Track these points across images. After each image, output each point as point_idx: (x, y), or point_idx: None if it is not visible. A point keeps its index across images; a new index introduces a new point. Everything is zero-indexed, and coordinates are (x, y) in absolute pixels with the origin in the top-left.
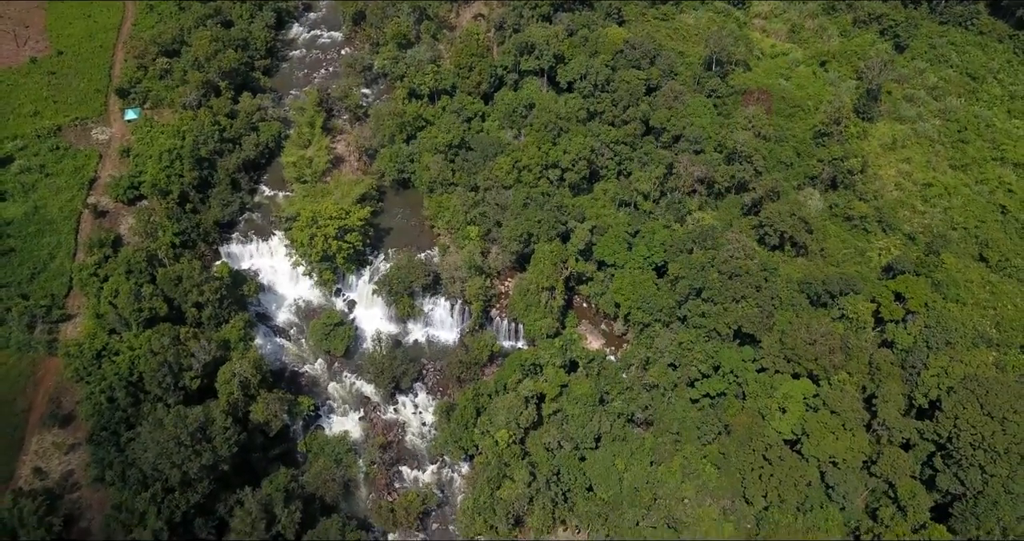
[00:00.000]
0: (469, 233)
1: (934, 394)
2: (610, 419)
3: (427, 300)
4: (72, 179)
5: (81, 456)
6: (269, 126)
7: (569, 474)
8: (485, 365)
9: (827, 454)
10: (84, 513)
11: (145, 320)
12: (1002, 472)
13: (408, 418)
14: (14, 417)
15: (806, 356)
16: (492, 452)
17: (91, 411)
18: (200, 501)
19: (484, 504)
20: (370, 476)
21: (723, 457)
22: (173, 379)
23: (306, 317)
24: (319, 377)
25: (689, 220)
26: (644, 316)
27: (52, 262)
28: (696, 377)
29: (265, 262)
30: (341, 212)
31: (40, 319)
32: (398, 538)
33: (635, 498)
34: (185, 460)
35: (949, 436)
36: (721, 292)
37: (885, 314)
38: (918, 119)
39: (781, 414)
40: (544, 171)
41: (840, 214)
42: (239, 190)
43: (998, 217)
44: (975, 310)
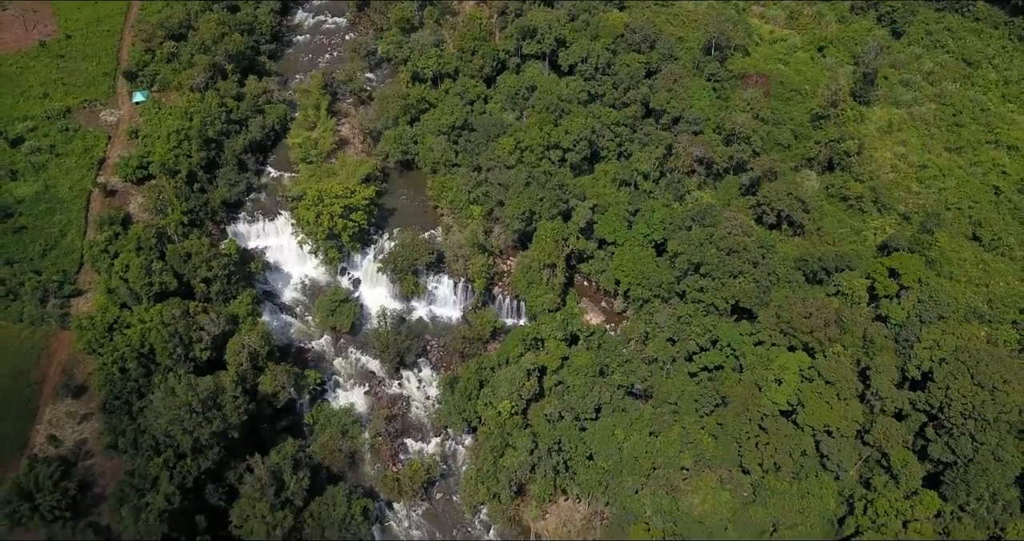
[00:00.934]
0: (472, 212)
1: (926, 366)
2: (610, 390)
3: (431, 278)
4: (82, 159)
5: (94, 425)
6: (275, 108)
7: (570, 443)
8: (487, 341)
9: (821, 423)
10: (97, 480)
11: (155, 294)
12: (992, 440)
13: (412, 392)
14: (28, 388)
15: (801, 329)
16: (495, 422)
17: (103, 381)
18: (211, 467)
19: (487, 472)
20: (375, 447)
21: (720, 427)
22: (184, 350)
23: (312, 295)
24: (325, 353)
25: (688, 199)
26: (643, 292)
27: (63, 239)
28: (694, 351)
29: (271, 241)
30: (346, 191)
31: (52, 294)
32: (403, 507)
33: (634, 466)
34: (196, 426)
35: (941, 406)
36: (719, 267)
37: (879, 289)
38: (914, 103)
39: (777, 385)
40: (546, 152)
41: (836, 194)
42: (246, 171)
43: (992, 198)
44: (968, 287)
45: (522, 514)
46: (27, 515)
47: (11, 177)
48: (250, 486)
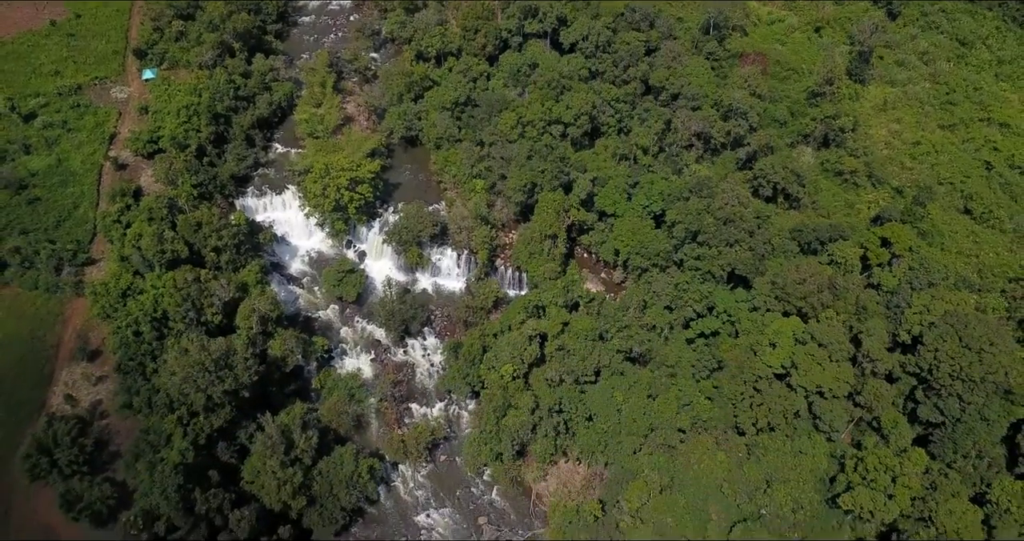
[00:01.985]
0: (475, 186)
1: (916, 330)
2: (609, 354)
3: (434, 250)
4: (93, 134)
5: (108, 387)
6: (282, 86)
7: (570, 405)
8: (490, 311)
9: (814, 384)
10: (113, 438)
11: (167, 262)
12: (978, 400)
13: (417, 360)
14: (44, 352)
15: (795, 294)
16: (497, 385)
17: (118, 344)
18: (223, 426)
19: (489, 433)
20: (381, 412)
21: (716, 390)
22: (196, 315)
23: (318, 267)
24: (332, 322)
25: (686, 172)
26: (642, 261)
27: (76, 211)
28: (691, 317)
29: (279, 215)
30: (352, 164)
31: (67, 262)
32: (408, 468)
33: (633, 427)
34: (209, 385)
35: (930, 368)
36: (715, 236)
37: (872, 258)
38: (909, 82)
39: (771, 349)
40: (547, 127)
41: (831, 169)
42: (253, 146)
43: (983, 173)
44: (958, 258)
45: (524, 475)
46: (46, 469)
47: (25, 151)
48: (261, 443)
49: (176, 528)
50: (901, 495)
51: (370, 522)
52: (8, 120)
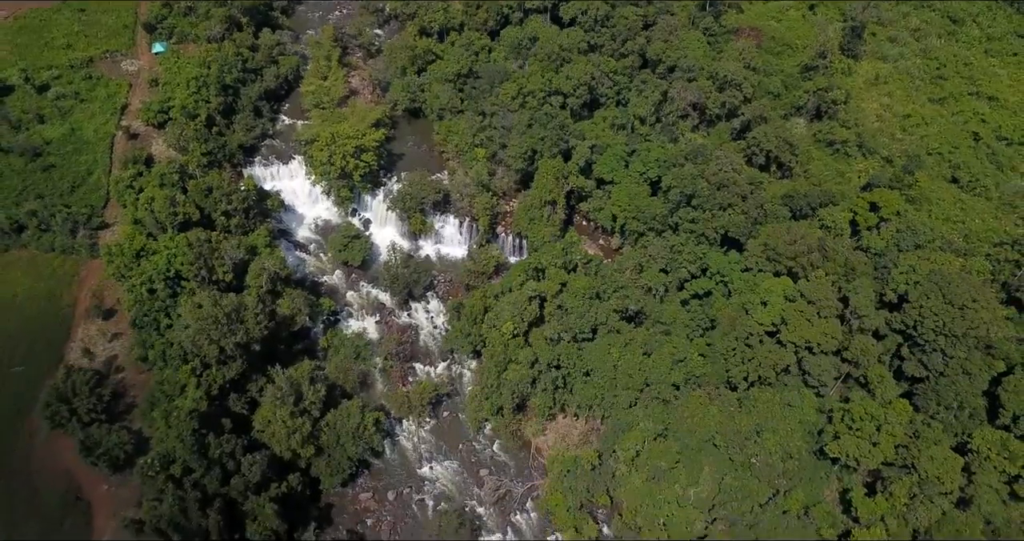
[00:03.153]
0: (476, 154)
1: (902, 289)
2: (606, 312)
3: (437, 218)
4: (105, 105)
5: (123, 343)
6: (288, 59)
7: (568, 360)
8: (491, 276)
9: (803, 339)
10: (128, 391)
11: (179, 224)
12: (960, 354)
13: (421, 322)
14: (61, 310)
15: (786, 255)
16: (499, 342)
17: (133, 301)
18: (235, 378)
19: (491, 387)
20: (386, 370)
21: (709, 347)
22: (207, 273)
23: (324, 234)
24: (338, 287)
25: (682, 140)
26: (638, 225)
27: (90, 177)
28: (685, 278)
29: (285, 184)
30: (358, 133)
31: (81, 225)
32: (412, 424)
33: (628, 382)
34: (221, 337)
35: (914, 324)
36: (709, 200)
37: (861, 222)
38: (900, 58)
39: (763, 307)
40: (547, 97)
41: (823, 140)
42: (261, 117)
43: (971, 143)
44: (945, 224)
45: (523, 429)
46: (66, 417)
47: (39, 121)
48: (271, 394)
49: (191, 470)
50: (885, 443)
51: (375, 473)
52: (23, 91)
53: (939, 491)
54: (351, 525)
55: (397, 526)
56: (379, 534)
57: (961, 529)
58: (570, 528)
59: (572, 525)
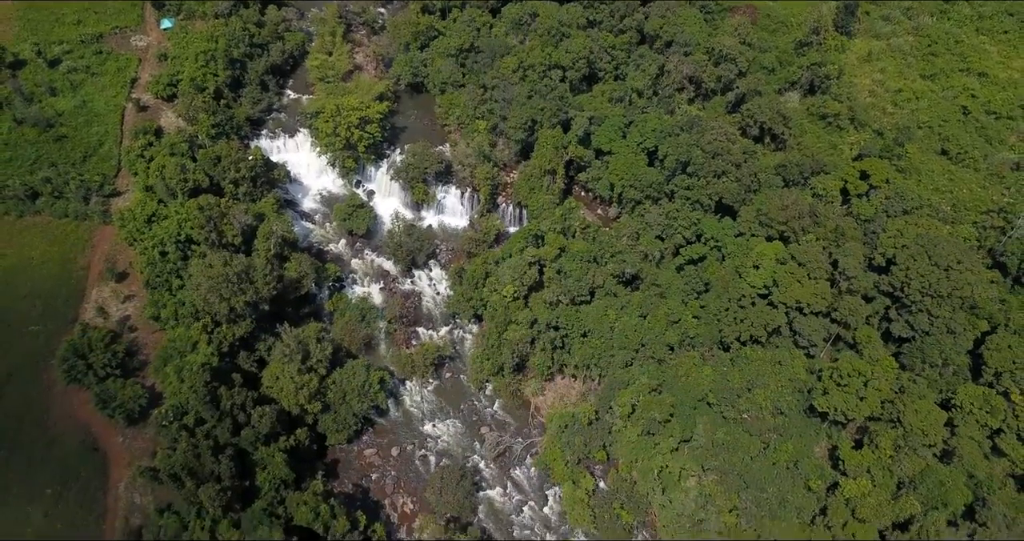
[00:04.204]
0: (478, 126)
1: (890, 253)
2: (603, 276)
3: (439, 188)
4: (115, 78)
5: (136, 304)
6: (294, 36)
7: (567, 321)
8: (492, 245)
9: (794, 299)
10: (141, 349)
11: (189, 191)
12: (946, 314)
13: (424, 289)
14: (75, 273)
15: (778, 220)
16: (500, 304)
17: (146, 263)
18: (244, 335)
19: (492, 346)
20: (390, 334)
21: (703, 309)
22: (217, 236)
23: (329, 205)
24: (342, 255)
25: (678, 112)
26: (635, 193)
27: (101, 148)
28: (681, 244)
29: (291, 157)
30: (362, 105)
31: (94, 192)
32: (415, 384)
33: (624, 342)
34: (232, 295)
35: (902, 286)
36: (704, 167)
37: (851, 189)
38: (893, 35)
39: (755, 270)
40: (547, 71)
41: (816, 113)
42: (267, 91)
43: (960, 117)
44: (934, 194)
45: (523, 389)
46: (82, 372)
47: (51, 93)
48: (279, 351)
49: (203, 421)
50: (872, 397)
51: (380, 431)
52: (35, 65)
53: (923, 443)
54: (356, 479)
55: (400, 481)
56: (383, 488)
57: (944, 480)
58: (567, 481)
59: (569, 479)
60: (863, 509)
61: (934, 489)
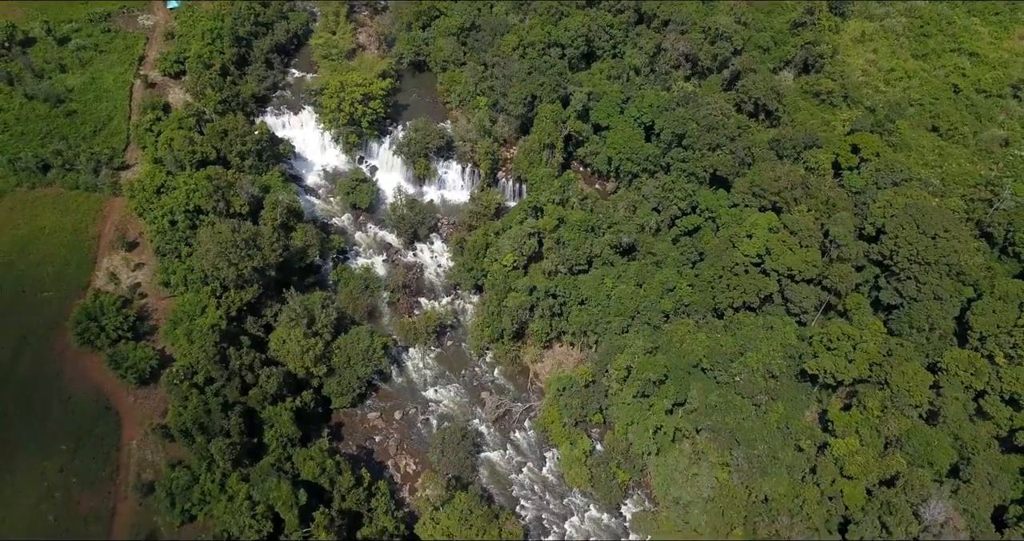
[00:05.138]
0: (478, 103)
1: (880, 222)
2: (601, 245)
3: (441, 164)
4: (123, 56)
5: (146, 272)
6: (298, 15)
7: (565, 289)
8: (492, 218)
9: (785, 266)
10: (152, 314)
11: (197, 162)
12: (933, 281)
13: (426, 261)
14: (87, 242)
15: (771, 190)
16: (499, 273)
17: (155, 232)
18: (251, 300)
19: (492, 313)
20: (393, 303)
21: (697, 278)
22: (225, 205)
23: (333, 180)
24: (346, 228)
25: (675, 88)
26: (632, 166)
27: (111, 123)
28: (676, 215)
29: (296, 133)
30: (365, 81)
31: (104, 165)
32: (417, 352)
33: (621, 309)
34: (240, 260)
35: (891, 254)
36: (699, 140)
37: (842, 162)
38: (886, 16)
39: (748, 240)
40: (547, 49)
41: (810, 91)
42: (272, 68)
43: (951, 95)
44: (924, 168)
45: (522, 356)
46: (95, 334)
47: (60, 70)
48: (286, 315)
49: (213, 380)
50: (860, 360)
51: (383, 396)
52: (44, 43)
53: (909, 403)
54: (360, 442)
55: (403, 443)
56: (387, 450)
57: (930, 439)
58: (565, 442)
59: (567, 440)
60: (851, 466)
61: (920, 448)
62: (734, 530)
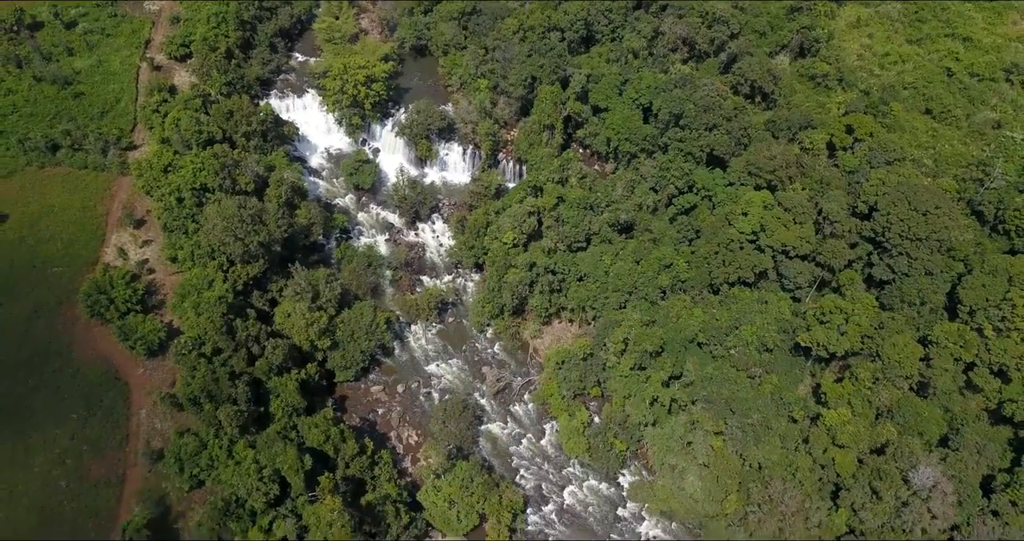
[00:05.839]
0: (479, 85)
1: (872, 200)
2: (599, 223)
3: (442, 146)
4: (130, 40)
5: (154, 248)
6: (301, 1)
7: (564, 266)
8: (492, 199)
9: (780, 242)
10: (159, 289)
11: (204, 142)
12: (924, 256)
13: (427, 241)
14: (96, 219)
15: (766, 168)
16: (500, 251)
17: (163, 209)
18: (257, 275)
19: (492, 289)
20: (395, 281)
21: (693, 255)
22: (231, 183)
23: (336, 162)
24: (349, 209)
25: (672, 70)
26: (631, 147)
27: (118, 104)
28: (673, 194)
29: (299, 116)
30: (368, 64)
31: (112, 145)
32: (419, 327)
33: (618, 285)
34: (246, 235)
35: (883, 230)
36: (696, 120)
37: (836, 143)
38: (881, 2)
39: (743, 217)
40: (546, 33)
41: (806, 74)
42: (276, 52)
43: (944, 78)
44: (917, 149)
45: (522, 332)
46: (104, 306)
47: (68, 53)
48: (291, 289)
49: (220, 351)
50: (852, 332)
51: (386, 370)
52: (52, 26)
53: (900, 374)
54: (363, 413)
55: (406, 415)
56: (389, 421)
57: (920, 410)
58: (564, 414)
59: (566, 411)
60: (843, 436)
61: (911, 419)
62: (728, 496)
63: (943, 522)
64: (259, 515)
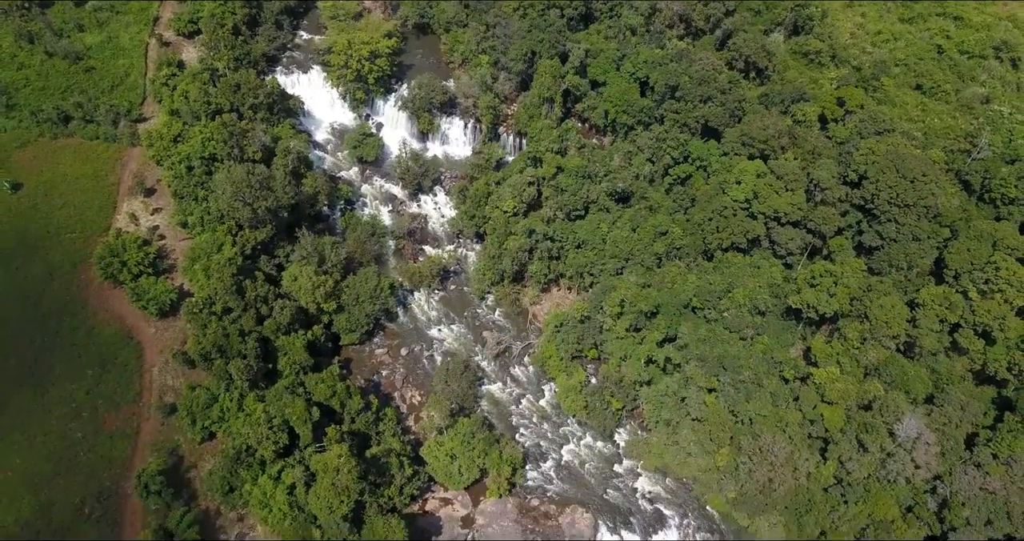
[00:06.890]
0: (480, 61)
1: (862, 169)
2: (597, 192)
3: (444, 120)
4: (139, 16)
5: (164, 215)
6: None
7: (562, 233)
8: (493, 171)
9: (772, 209)
10: (170, 254)
11: (212, 113)
12: (911, 221)
13: (430, 212)
14: (107, 188)
15: (759, 138)
16: (500, 219)
17: (173, 176)
18: (265, 240)
19: (493, 256)
20: (399, 250)
21: (688, 222)
22: (239, 152)
23: (341, 136)
24: (353, 181)
25: (669, 46)
26: (628, 119)
27: (128, 78)
28: (669, 164)
29: (305, 92)
30: (372, 40)
31: (122, 117)
32: (422, 295)
33: (615, 251)
34: (254, 200)
35: (872, 197)
36: (691, 92)
37: (828, 115)
38: None
39: (737, 185)
40: (546, 10)
41: (799, 52)
42: (282, 29)
43: (935, 55)
44: (907, 123)
45: (522, 298)
46: (117, 269)
47: (79, 29)
48: (298, 253)
49: (230, 310)
50: (841, 294)
51: (390, 334)
52: (63, 3)
53: (887, 334)
54: (368, 375)
55: (409, 376)
56: (393, 382)
57: (907, 369)
58: (562, 374)
59: (564, 372)
60: (831, 392)
61: (897, 377)
62: (720, 449)
63: (926, 472)
64: (268, 464)
